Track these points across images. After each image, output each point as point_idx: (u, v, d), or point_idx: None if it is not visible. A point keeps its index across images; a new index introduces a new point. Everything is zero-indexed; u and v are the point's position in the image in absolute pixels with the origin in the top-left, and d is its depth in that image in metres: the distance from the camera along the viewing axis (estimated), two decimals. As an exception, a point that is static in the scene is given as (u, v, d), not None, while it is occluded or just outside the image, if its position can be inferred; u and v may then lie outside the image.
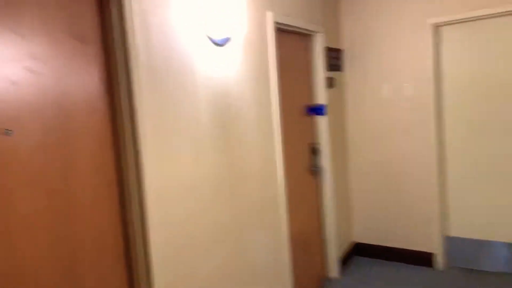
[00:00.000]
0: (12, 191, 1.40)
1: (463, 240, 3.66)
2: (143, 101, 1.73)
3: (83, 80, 1.63)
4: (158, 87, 1.82)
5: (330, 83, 3.59)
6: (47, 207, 1.50)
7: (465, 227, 3.65)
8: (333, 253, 3.63)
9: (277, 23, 2.76)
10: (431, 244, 3.73)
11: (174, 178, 1.90)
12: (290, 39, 3.12)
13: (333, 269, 3.66)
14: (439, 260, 3.70)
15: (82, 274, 1.62)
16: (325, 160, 3.53)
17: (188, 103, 1.98)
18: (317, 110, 3.46)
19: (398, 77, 3.69)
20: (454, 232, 3.70)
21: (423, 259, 3.78)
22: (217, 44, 2.18)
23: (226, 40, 2.23)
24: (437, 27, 3.51)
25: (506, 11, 3.22)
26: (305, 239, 3.35)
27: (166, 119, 1.85)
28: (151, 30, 1.79)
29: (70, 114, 1.58)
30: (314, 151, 3.47)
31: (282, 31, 2.94)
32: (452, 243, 3.71)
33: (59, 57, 1.55)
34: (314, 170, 3.46)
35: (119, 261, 1.77)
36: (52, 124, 1.52)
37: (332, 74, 3.65)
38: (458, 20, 3.39)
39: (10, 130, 1.40)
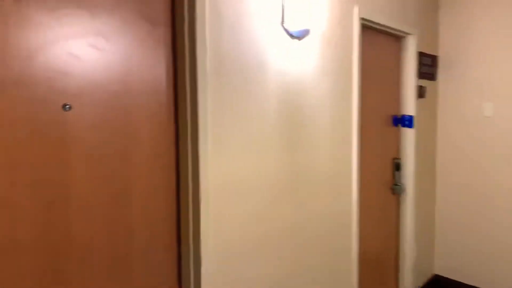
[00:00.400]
0: (67, 169, 1.35)
1: None
2: (206, 91, 1.60)
3: (149, 62, 1.55)
4: (224, 78, 1.68)
5: (421, 92, 3.22)
6: (103, 188, 1.43)
7: None
8: (409, 283, 3.22)
9: (363, 19, 2.50)
10: (533, 289, 3.14)
11: (233, 176, 1.74)
12: (377, 39, 2.84)
13: (408, 302, 3.23)
14: (542, 311, 3.10)
15: (133, 260, 1.53)
16: (409, 178, 3.15)
17: (255, 98, 1.82)
18: (404, 121, 3.11)
19: (503, 93, 3.18)
20: None
21: (520, 306, 3.19)
22: (293, 36, 2.00)
23: (304, 32, 2.04)
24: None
25: None
26: (377, 264, 2.99)
27: (229, 112, 1.71)
28: (221, 17, 1.66)
29: (132, 95, 1.50)
30: (396, 166, 3.11)
31: (368, 28, 2.67)
32: (561, 293, 3.08)
33: (126, 37, 1.48)
34: (395, 188, 3.10)
35: (170, 252, 1.65)
36: (113, 103, 1.45)
37: (423, 82, 3.27)
38: None
39: (69, 105, 1.35)
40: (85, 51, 1.38)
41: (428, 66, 3.30)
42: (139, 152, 1.53)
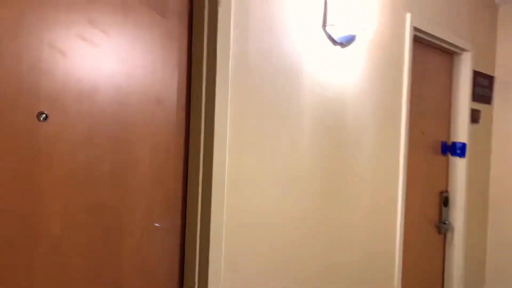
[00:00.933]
0: (39, 198, 1.02)
1: None
2: (226, 105, 1.26)
3: (156, 63, 1.23)
4: (250, 88, 1.34)
5: (475, 117, 2.80)
6: (85, 225, 1.10)
7: None
8: None
9: (416, 29, 2.14)
10: None
11: (255, 215, 1.38)
12: (428, 54, 2.46)
13: None
14: None
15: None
16: (458, 215, 2.70)
17: (287, 116, 1.47)
18: (454, 149, 2.69)
19: None
20: None
21: None
22: (336, 42, 1.66)
23: (349, 38, 1.69)
24: None
25: None
26: (420, 315, 2.54)
27: (254, 132, 1.36)
28: (250, 12, 1.34)
29: (131, 105, 1.18)
30: (444, 201, 2.68)
31: (418, 41, 2.30)
32: None
33: (128, 29, 1.17)
34: (441, 226, 2.66)
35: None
36: (105, 114, 1.13)
37: (478, 106, 2.85)
38: None
39: (45, 114, 1.03)
40: (72, 45, 1.07)
41: (483, 88, 2.88)
42: (136, 180, 1.19)
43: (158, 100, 1.22)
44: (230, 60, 1.26)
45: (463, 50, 2.62)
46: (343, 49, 1.69)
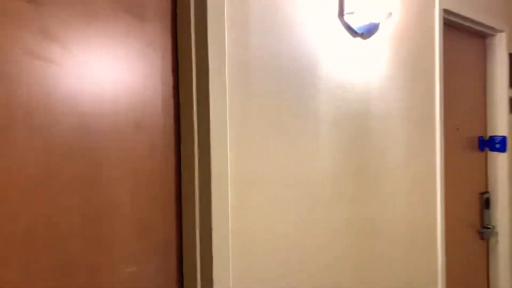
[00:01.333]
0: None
1: None
2: (225, 120, 1.00)
3: (132, 79, 0.97)
4: (253, 99, 1.08)
5: (513, 105, 2.48)
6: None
7: None
8: None
9: (446, 11, 1.84)
10: None
11: (267, 262, 1.12)
12: (458, 38, 2.15)
13: None
14: None
15: None
16: (502, 218, 2.40)
17: (302, 129, 1.21)
18: (493, 144, 2.38)
19: None
20: None
21: None
22: (356, 33, 1.38)
23: (371, 28, 1.41)
24: None
25: None
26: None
27: (261, 152, 1.10)
28: (249, 5, 1.07)
29: (101, 134, 0.92)
30: (485, 203, 2.38)
31: (447, 24, 1.99)
32: None
33: (95, 40, 0.91)
34: (484, 232, 2.36)
35: None
36: (68, 149, 0.88)
37: (516, 93, 2.53)
38: None
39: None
40: (17, 63, 0.82)
41: (521, 72, 2.56)
42: (115, 229, 0.94)
43: (137, 125, 0.96)
44: (226, 69, 0.99)
45: (497, 31, 2.30)
46: (364, 41, 1.41)
